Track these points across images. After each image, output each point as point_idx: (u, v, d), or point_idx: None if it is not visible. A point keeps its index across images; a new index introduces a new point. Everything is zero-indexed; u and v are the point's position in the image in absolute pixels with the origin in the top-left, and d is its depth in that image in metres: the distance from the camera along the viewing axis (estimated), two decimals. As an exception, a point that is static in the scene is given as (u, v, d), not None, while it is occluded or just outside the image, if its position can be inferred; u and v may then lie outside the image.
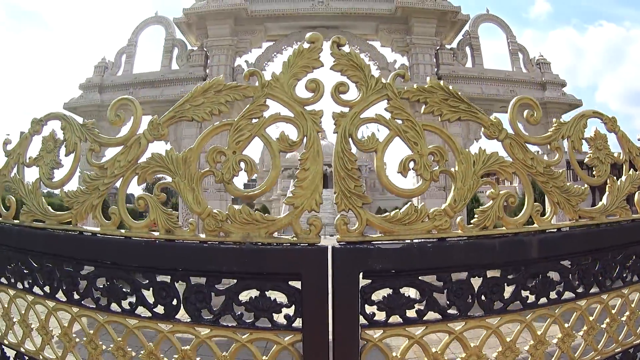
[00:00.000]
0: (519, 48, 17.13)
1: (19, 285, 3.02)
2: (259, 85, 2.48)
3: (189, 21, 16.46)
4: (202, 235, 2.46)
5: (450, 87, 2.59)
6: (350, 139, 2.43)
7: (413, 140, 2.47)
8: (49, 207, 2.88)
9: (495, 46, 18.97)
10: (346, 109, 2.45)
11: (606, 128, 3.09)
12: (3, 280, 3.11)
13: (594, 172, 3.02)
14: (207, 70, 16.41)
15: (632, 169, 3.10)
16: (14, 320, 3.17)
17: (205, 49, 16.68)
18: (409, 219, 2.43)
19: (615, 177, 3.01)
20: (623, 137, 3.09)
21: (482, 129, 2.65)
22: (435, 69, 16.22)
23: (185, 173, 2.48)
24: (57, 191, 3.02)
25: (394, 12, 15.81)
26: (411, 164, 2.50)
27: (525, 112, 2.86)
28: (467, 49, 16.86)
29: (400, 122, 2.48)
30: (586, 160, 3.01)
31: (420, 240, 2.46)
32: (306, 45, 2.44)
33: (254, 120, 2.45)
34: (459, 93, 2.60)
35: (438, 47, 16.51)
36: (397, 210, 2.44)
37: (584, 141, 2.96)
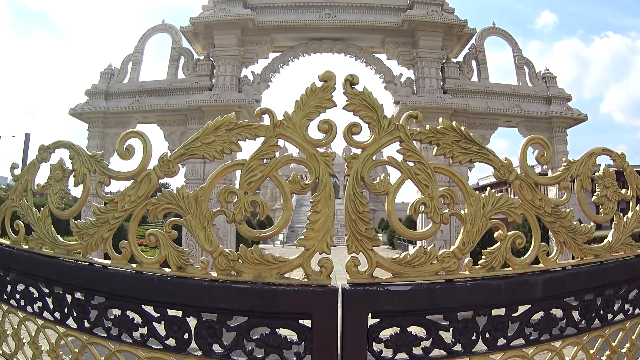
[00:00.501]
0: (525, 62, 17.15)
1: (29, 309, 3.02)
2: (271, 125, 2.49)
3: (195, 30, 16.50)
4: (214, 274, 2.47)
5: (463, 128, 2.60)
6: (362, 182, 2.45)
7: (424, 183, 2.48)
8: (59, 237, 2.87)
9: (500, 58, 18.96)
10: (358, 150, 2.47)
11: (615, 165, 3.11)
12: (12, 302, 3.09)
13: (600, 210, 3.04)
14: (213, 80, 16.43)
15: (639, 205, 3.11)
16: (24, 341, 3.19)
17: (211, 59, 16.71)
18: (418, 261, 2.45)
19: (621, 214, 3.02)
20: (632, 173, 3.10)
21: (493, 170, 2.66)
22: (441, 83, 16.26)
23: (197, 212, 2.47)
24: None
25: (400, 25, 15.83)
26: (422, 207, 2.51)
27: (535, 152, 2.88)
28: (473, 63, 16.90)
29: (412, 164, 2.49)
30: (593, 198, 3.02)
31: (428, 282, 2.48)
32: (319, 84, 2.46)
33: (265, 161, 2.46)
34: (471, 134, 2.61)
35: (444, 61, 16.54)
36: (407, 253, 2.45)
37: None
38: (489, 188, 2.72)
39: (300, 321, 2.42)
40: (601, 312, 2.89)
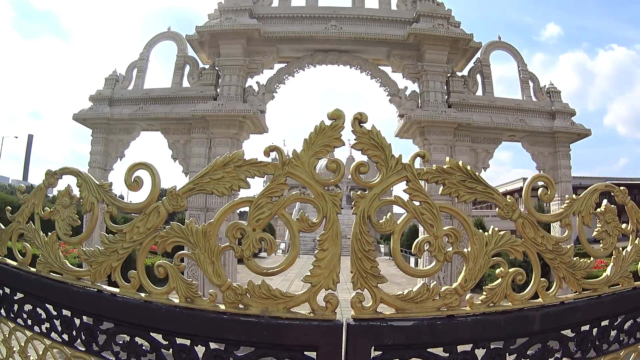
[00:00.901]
0: (529, 76, 17.16)
1: (36, 329, 3.04)
2: (280, 163, 2.51)
3: (201, 39, 16.53)
4: (222, 306, 2.51)
5: (469, 168, 2.68)
6: (368, 220, 2.50)
7: (429, 222, 2.53)
8: (67, 262, 2.91)
9: (504, 70, 18.92)
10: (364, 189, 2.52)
11: (617, 200, 3.16)
12: (19, 321, 3.12)
13: (600, 244, 3.09)
14: (218, 90, 16.47)
15: (638, 239, 3.16)
16: (31, 358, 3.22)
17: (216, 68, 16.77)
18: (421, 298, 2.51)
19: (621, 249, 3.07)
20: (632, 207, 3.15)
21: (497, 209, 2.71)
22: (446, 97, 16.30)
23: (205, 246, 2.51)
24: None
25: (406, 38, 15.87)
26: (426, 246, 2.56)
27: (539, 190, 2.94)
28: (478, 77, 16.94)
29: (417, 203, 2.54)
30: (594, 234, 3.07)
31: (430, 317, 2.53)
32: (328, 122, 2.50)
33: (274, 199, 2.51)
34: (477, 174, 2.67)
35: (449, 74, 16.57)
36: (411, 290, 2.50)
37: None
38: (492, 227, 2.75)
39: (306, 352, 2.46)
40: (596, 342, 2.94)
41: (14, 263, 3.12)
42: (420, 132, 16.00)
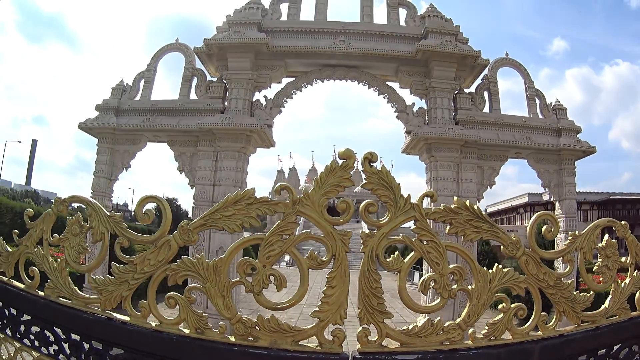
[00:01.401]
0: (536, 93, 17.20)
1: (44, 350, 3.05)
2: (290, 202, 2.58)
3: (209, 52, 16.59)
4: (232, 338, 2.56)
5: (476, 207, 2.72)
6: (376, 259, 2.56)
7: (435, 261, 2.60)
8: (76, 288, 2.94)
9: (509, 84, 18.88)
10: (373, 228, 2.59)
11: (618, 234, 3.22)
12: (26, 341, 3.12)
13: (600, 278, 3.15)
14: (226, 103, 16.52)
15: (637, 270, 3.21)
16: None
17: (224, 81, 16.82)
18: (425, 333, 2.57)
19: (619, 281, 3.12)
20: (633, 241, 3.20)
21: (502, 247, 2.77)
22: (453, 114, 16.33)
23: (216, 281, 2.57)
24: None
25: (414, 55, 15.91)
26: (432, 283, 2.62)
27: (544, 228, 3.00)
28: (485, 94, 16.97)
29: (425, 242, 2.60)
30: (595, 269, 3.13)
31: (433, 351, 2.58)
32: (339, 162, 2.56)
33: (284, 237, 2.57)
34: (483, 212, 2.71)
35: (456, 91, 16.63)
36: (415, 324, 2.56)
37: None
38: (496, 264, 2.80)
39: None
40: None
41: (21, 285, 3.14)
42: (427, 149, 16.02)
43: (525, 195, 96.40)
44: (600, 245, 3.12)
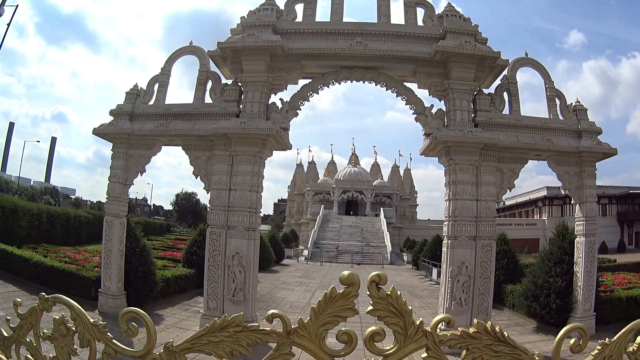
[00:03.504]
0: (556, 94, 16.83)
1: None
2: (284, 332, 2.36)
3: (223, 55, 16.36)
4: None
5: (497, 329, 2.44)
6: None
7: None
8: None
9: (527, 77, 18.44)
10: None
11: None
12: None
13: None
14: (241, 106, 16.32)
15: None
16: None
17: (239, 84, 16.62)
18: None
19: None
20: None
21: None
22: (472, 115, 16.00)
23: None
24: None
25: (433, 56, 15.59)
26: None
27: (571, 341, 2.75)
28: (505, 95, 16.63)
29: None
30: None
31: None
32: (340, 289, 2.31)
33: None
34: (505, 334, 2.45)
35: (476, 92, 16.28)
36: None
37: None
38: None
39: None
40: None
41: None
42: (446, 152, 15.71)
43: (544, 188, 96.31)
44: (630, 349, 2.84)
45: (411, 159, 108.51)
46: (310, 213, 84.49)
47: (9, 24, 38.13)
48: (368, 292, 2.33)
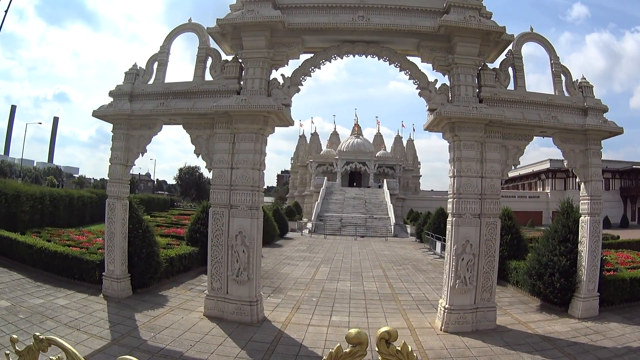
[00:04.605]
0: (562, 70, 16.56)
1: None
2: None
3: (223, 31, 16.06)
4: None
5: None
6: None
7: None
8: None
9: (530, 49, 18.07)
10: None
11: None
12: None
13: None
14: (242, 83, 16.08)
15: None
16: None
17: (240, 60, 16.37)
18: None
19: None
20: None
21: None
22: (477, 91, 15.80)
23: None
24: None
25: (436, 30, 15.29)
26: None
27: None
28: (510, 70, 16.41)
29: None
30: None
31: None
32: (346, 348, 2.14)
33: None
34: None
35: (480, 67, 16.09)
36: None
37: None
38: None
39: None
40: None
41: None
42: (450, 128, 15.53)
43: (547, 161, 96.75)
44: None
45: (414, 130, 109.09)
46: (313, 185, 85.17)
47: (7, 10, 37.49)
48: (377, 349, 2.18)
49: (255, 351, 12.40)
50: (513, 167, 16.05)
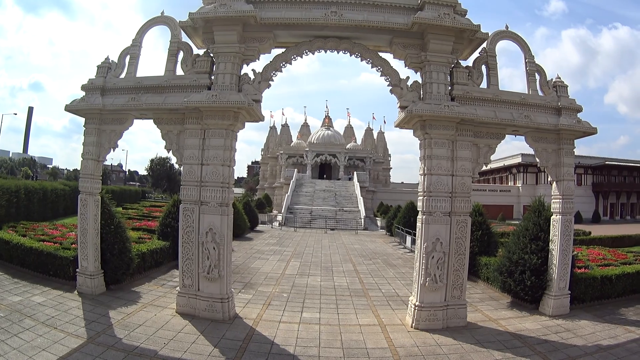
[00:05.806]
0: (536, 69, 16.57)
1: None
2: None
3: (195, 25, 15.85)
4: None
5: None
6: None
7: None
8: None
9: (504, 44, 17.98)
10: None
11: None
12: None
13: None
14: (213, 78, 15.95)
15: None
16: None
17: (211, 55, 16.19)
18: None
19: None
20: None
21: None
22: (449, 88, 15.74)
23: None
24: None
25: (410, 27, 15.19)
26: None
27: None
28: (483, 68, 16.34)
29: None
30: None
31: None
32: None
33: None
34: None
35: (453, 65, 15.98)
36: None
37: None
38: None
39: None
40: None
41: None
42: (422, 126, 15.42)
43: (519, 155, 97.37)
44: None
45: (385, 122, 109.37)
46: (283, 177, 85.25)
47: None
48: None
49: (227, 349, 12.46)
50: (484, 166, 16.00)
